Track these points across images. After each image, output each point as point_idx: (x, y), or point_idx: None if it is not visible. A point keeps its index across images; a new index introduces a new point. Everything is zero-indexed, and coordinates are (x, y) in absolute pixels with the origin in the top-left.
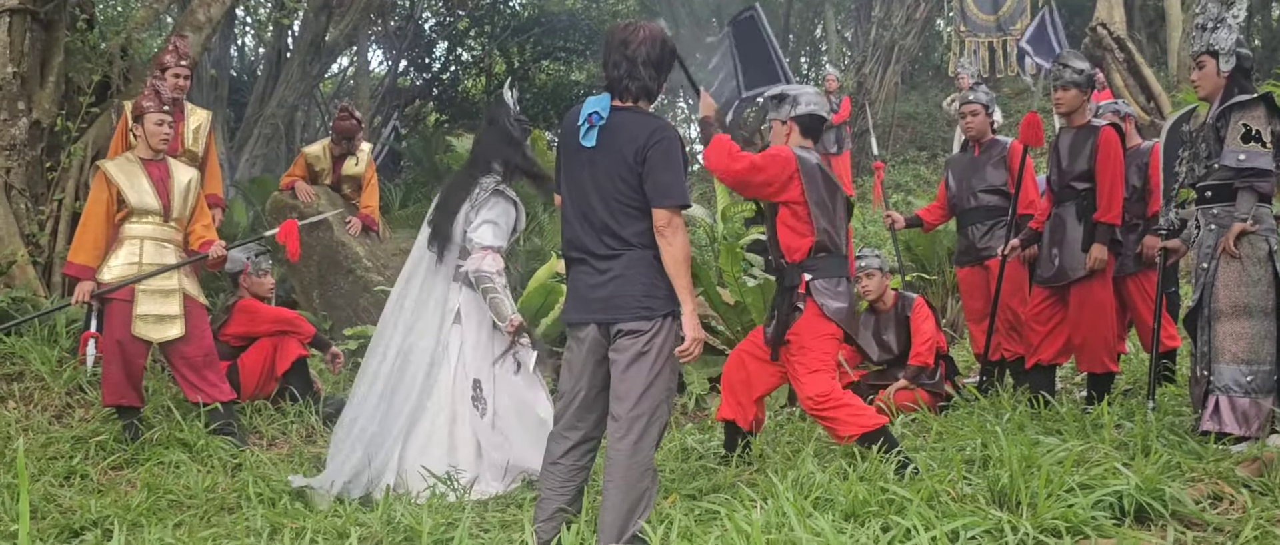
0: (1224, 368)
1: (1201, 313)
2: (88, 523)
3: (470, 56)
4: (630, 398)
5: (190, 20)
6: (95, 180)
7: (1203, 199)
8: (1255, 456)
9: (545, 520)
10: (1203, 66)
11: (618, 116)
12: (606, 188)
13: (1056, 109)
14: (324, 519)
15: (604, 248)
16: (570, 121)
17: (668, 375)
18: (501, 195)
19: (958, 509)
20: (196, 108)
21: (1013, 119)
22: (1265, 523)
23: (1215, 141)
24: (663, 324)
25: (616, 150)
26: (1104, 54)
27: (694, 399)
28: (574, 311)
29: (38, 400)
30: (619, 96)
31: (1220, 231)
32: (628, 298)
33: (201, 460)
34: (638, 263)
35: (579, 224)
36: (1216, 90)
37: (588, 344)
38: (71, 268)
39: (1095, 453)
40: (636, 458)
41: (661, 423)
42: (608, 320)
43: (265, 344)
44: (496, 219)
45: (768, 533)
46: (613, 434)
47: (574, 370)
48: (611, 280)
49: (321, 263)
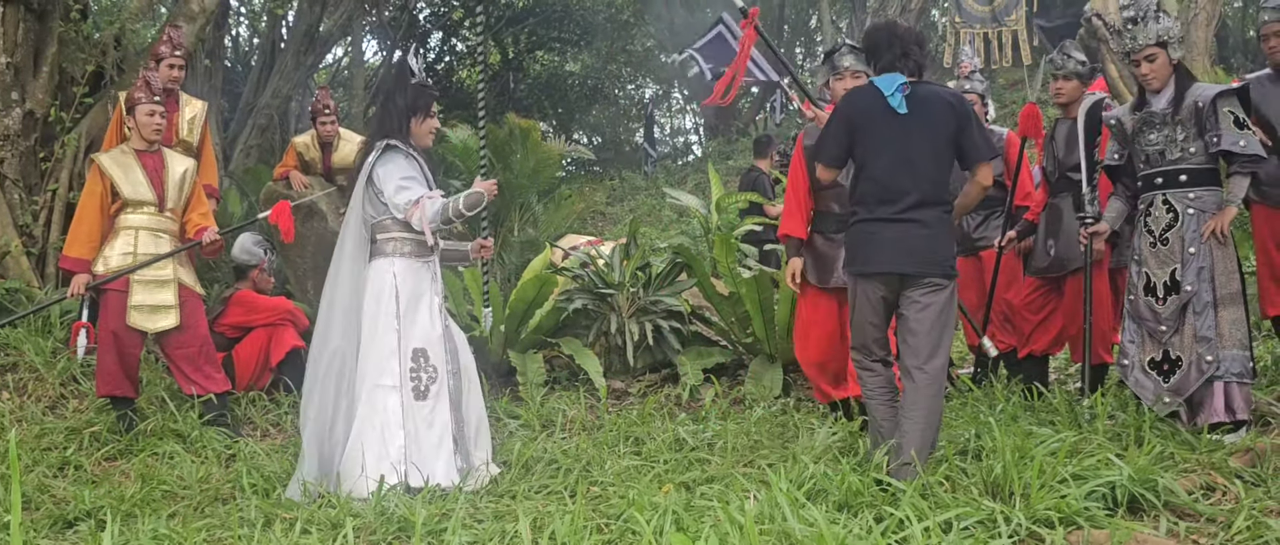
0: (1229, 354)
1: (1196, 298)
2: (81, 513)
3: (465, 47)
4: (934, 335)
5: (184, 10)
6: (90, 173)
7: (1173, 184)
8: (1248, 447)
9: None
10: (1154, 58)
11: (919, 89)
12: (928, 146)
13: (1056, 99)
14: (317, 510)
15: (928, 196)
16: (868, 97)
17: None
18: (393, 151)
19: (951, 500)
20: (192, 98)
21: (1005, 110)
22: (1258, 513)
23: (1194, 127)
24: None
25: (933, 114)
26: (1098, 45)
27: (688, 390)
28: (886, 262)
29: (32, 391)
30: (910, 74)
31: (1200, 216)
32: (941, 255)
33: (196, 451)
34: (945, 221)
35: (905, 177)
36: (1168, 79)
37: (885, 287)
38: (67, 261)
39: (1088, 443)
40: (938, 383)
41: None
42: (923, 273)
43: (260, 334)
44: (403, 174)
45: (761, 523)
46: (916, 363)
47: (874, 309)
48: (927, 236)
49: (316, 253)
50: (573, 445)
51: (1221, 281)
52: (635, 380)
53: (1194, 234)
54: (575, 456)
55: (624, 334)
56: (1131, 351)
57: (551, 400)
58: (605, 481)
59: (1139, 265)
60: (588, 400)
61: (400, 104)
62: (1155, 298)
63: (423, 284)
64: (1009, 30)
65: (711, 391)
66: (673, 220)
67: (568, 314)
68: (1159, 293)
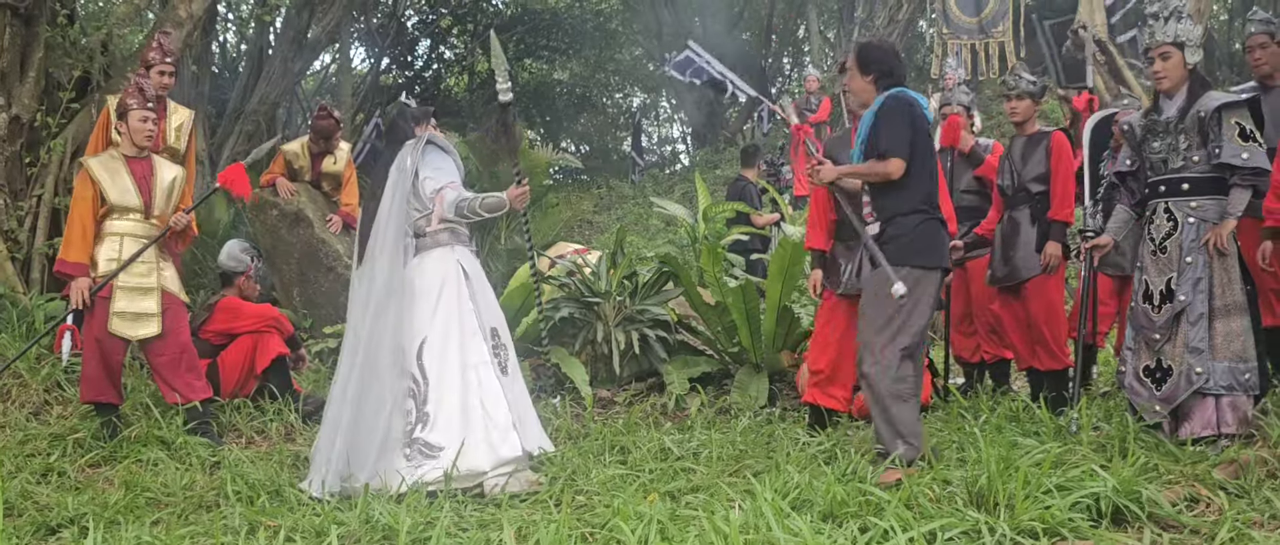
0: (1220, 366)
1: (1190, 308)
2: (64, 520)
3: (453, 54)
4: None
5: (172, 16)
6: (78, 178)
7: (1175, 192)
8: (1233, 459)
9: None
10: (1168, 57)
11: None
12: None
13: (1011, 118)
14: (302, 517)
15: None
16: (917, 103)
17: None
18: (429, 146)
19: (935, 510)
20: (179, 106)
21: (991, 121)
22: (1241, 525)
23: (1197, 136)
24: None
25: None
26: (1085, 56)
27: (674, 399)
28: (947, 258)
29: (15, 397)
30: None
31: (1200, 225)
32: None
33: (180, 458)
34: None
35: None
36: (1181, 83)
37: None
38: (64, 266)
39: (1073, 454)
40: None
41: None
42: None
43: (245, 341)
44: (434, 164)
45: (746, 533)
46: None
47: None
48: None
49: (302, 260)
50: (558, 454)
51: (1219, 292)
52: (621, 389)
53: (1192, 243)
54: (561, 465)
55: (610, 343)
56: (1129, 358)
57: (537, 408)
58: (590, 490)
59: (1140, 272)
60: (573, 409)
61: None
62: (1151, 305)
63: (479, 268)
64: (996, 42)
65: (697, 401)
66: (660, 229)
67: (554, 322)
68: (1155, 300)
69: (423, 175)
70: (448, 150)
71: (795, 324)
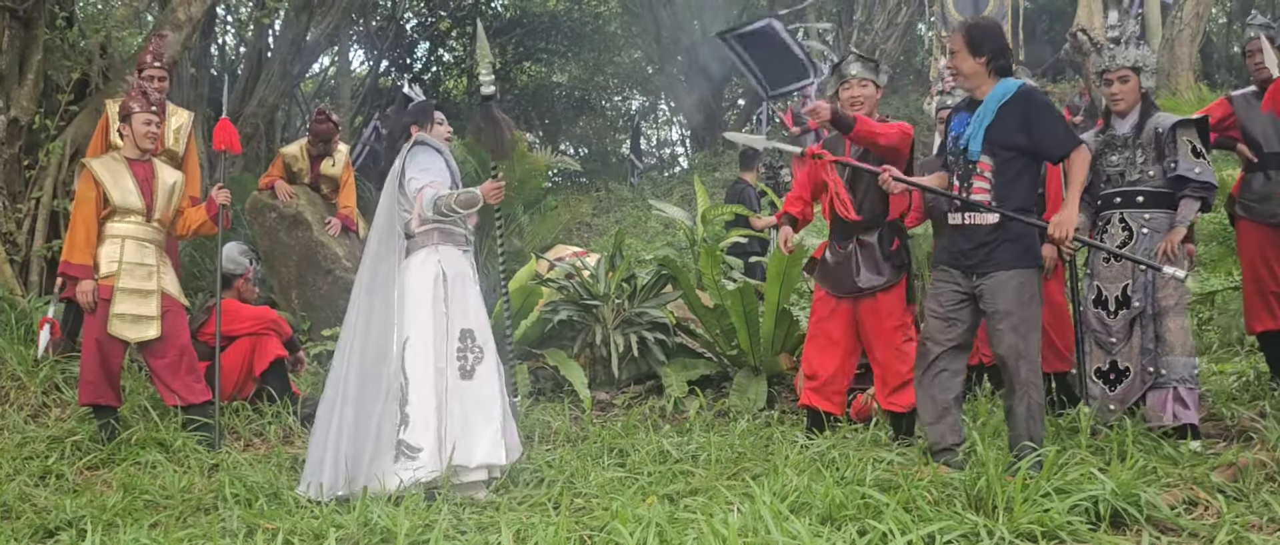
0: (1177, 361)
1: (1145, 311)
2: (62, 523)
3: (452, 57)
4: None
5: (170, 19)
6: (81, 179)
7: (1130, 204)
8: (1231, 462)
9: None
10: (1127, 81)
11: None
12: None
13: None
14: (300, 520)
15: None
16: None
17: None
18: (418, 146)
19: (934, 513)
20: (178, 108)
21: None
22: (1240, 528)
23: (1154, 151)
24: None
25: None
26: (1083, 59)
27: (672, 402)
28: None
29: (14, 399)
30: None
31: (1154, 235)
32: None
33: (178, 460)
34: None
35: None
36: (1135, 104)
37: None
38: (69, 267)
39: (1071, 457)
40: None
41: None
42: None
43: (244, 344)
44: (420, 166)
45: (744, 536)
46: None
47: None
48: None
49: (300, 263)
50: (557, 457)
51: (1170, 293)
52: (620, 392)
53: (1146, 252)
54: (559, 468)
55: (609, 345)
56: (1103, 363)
57: (536, 412)
58: (589, 493)
59: (1091, 278)
60: (572, 412)
61: (406, 122)
62: (1106, 310)
63: (465, 269)
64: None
65: (696, 403)
66: (658, 232)
67: (553, 325)
68: (1110, 306)
69: (408, 175)
70: (439, 150)
71: (794, 327)
